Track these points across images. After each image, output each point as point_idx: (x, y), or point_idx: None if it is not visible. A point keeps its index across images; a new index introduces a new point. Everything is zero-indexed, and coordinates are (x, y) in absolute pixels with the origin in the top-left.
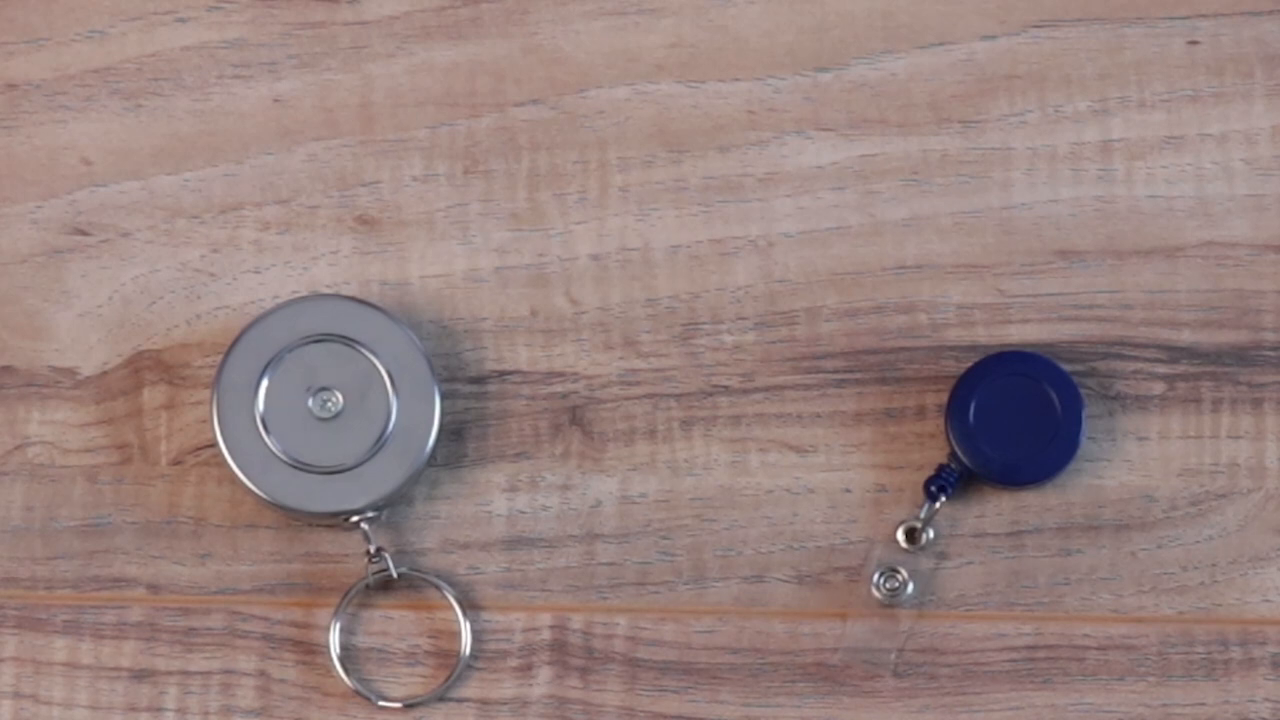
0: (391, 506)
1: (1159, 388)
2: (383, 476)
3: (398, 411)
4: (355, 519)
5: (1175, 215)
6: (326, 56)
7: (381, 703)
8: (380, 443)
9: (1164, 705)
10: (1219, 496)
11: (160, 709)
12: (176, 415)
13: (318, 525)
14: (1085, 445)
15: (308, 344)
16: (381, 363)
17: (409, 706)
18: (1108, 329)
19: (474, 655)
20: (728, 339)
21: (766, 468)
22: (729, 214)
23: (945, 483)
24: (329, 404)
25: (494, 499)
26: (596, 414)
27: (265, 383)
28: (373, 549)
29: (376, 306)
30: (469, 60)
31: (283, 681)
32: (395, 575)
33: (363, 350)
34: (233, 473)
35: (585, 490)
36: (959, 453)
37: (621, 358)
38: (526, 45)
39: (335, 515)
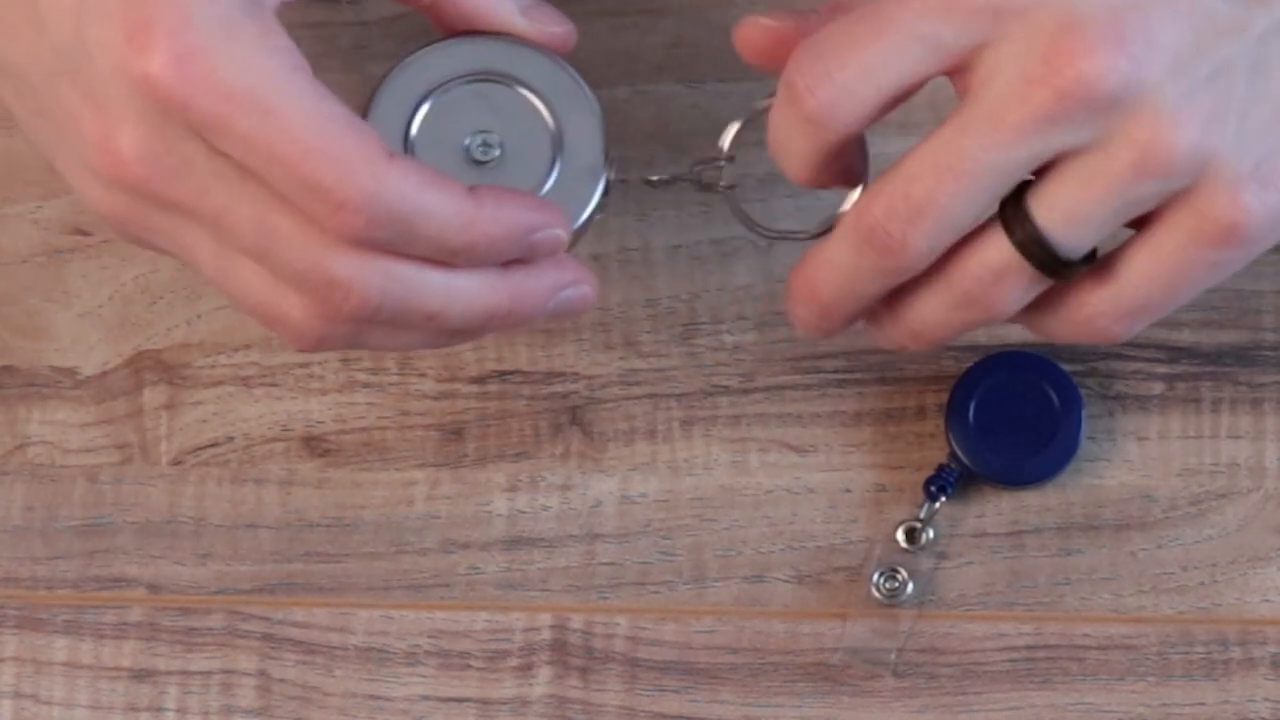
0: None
1: (1159, 388)
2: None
3: (560, 166)
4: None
5: None
6: (327, 57)
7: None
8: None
9: (1164, 705)
10: (1219, 496)
11: (160, 709)
12: (177, 415)
13: None
14: (1085, 445)
15: (464, 83)
16: (544, 105)
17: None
18: None
19: (474, 654)
20: (728, 339)
21: (766, 468)
22: (729, 214)
23: (945, 483)
24: (488, 148)
25: (494, 499)
26: (596, 414)
27: (416, 125)
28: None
29: (532, 46)
30: None
31: (283, 681)
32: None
33: (524, 91)
34: None
35: (585, 490)
36: (959, 453)
37: (621, 358)
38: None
39: None
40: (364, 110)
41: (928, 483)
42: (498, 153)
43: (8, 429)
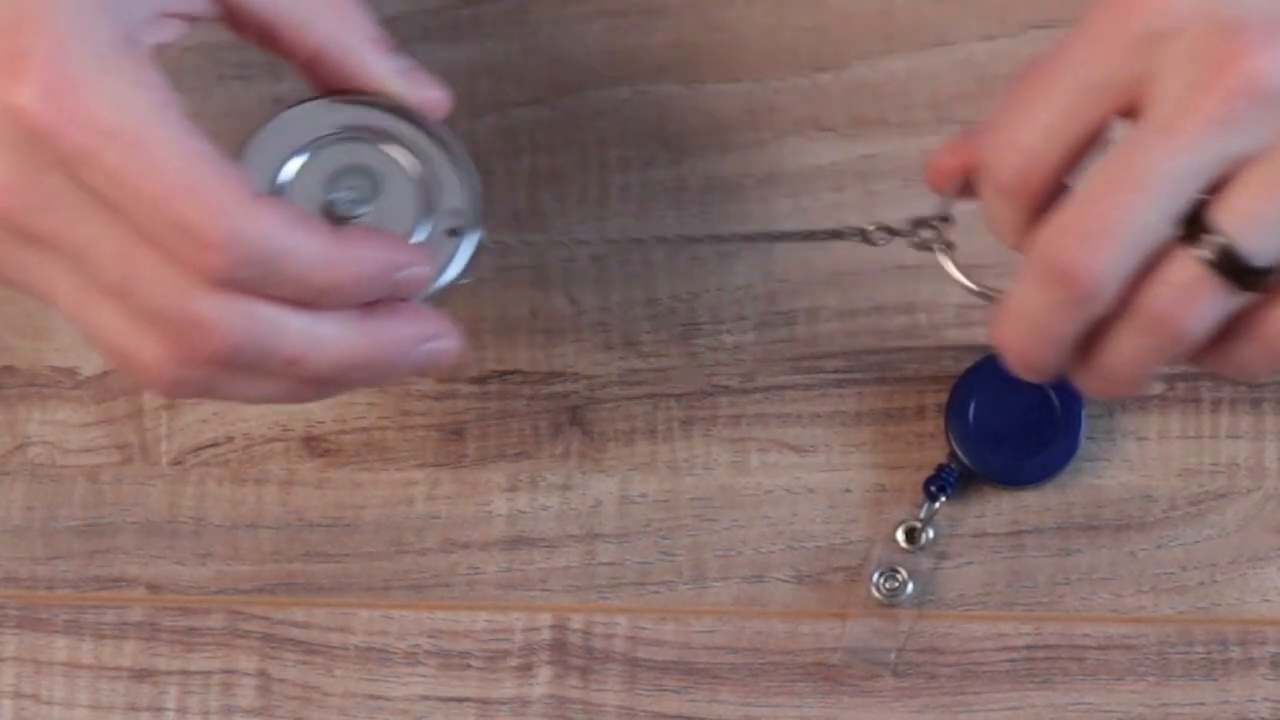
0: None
1: (1159, 388)
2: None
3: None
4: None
5: None
6: None
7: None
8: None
9: (1163, 705)
10: (1218, 496)
11: (161, 709)
12: (177, 415)
13: None
14: (1085, 445)
15: (336, 140)
16: (416, 165)
17: None
18: None
19: (474, 654)
20: (728, 339)
21: (766, 468)
22: (729, 214)
23: (945, 483)
24: (356, 204)
25: (494, 499)
26: (596, 414)
27: (285, 179)
28: None
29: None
30: (469, 60)
31: (283, 681)
32: None
33: (395, 151)
34: None
35: (585, 490)
36: (959, 453)
37: (621, 358)
38: (526, 45)
39: None
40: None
41: (928, 483)
42: (366, 209)
43: (8, 429)
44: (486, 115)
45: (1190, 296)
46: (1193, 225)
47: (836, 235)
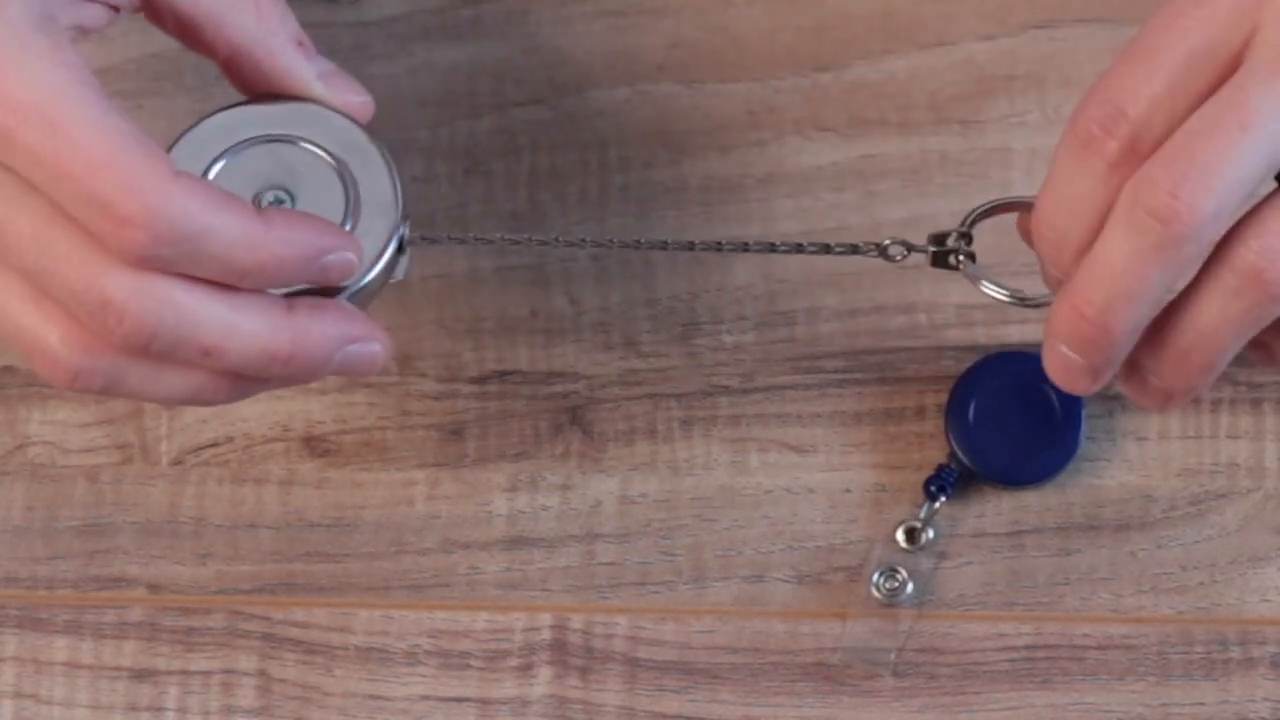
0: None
1: None
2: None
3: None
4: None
5: None
6: (327, 57)
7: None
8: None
9: (1163, 705)
10: (1218, 496)
11: (161, 709)
12: (177, 415)
13: None
14: (1085, 445)
15: (259, 143)
16: (339, 167)
17: None
18: None
19: (474, 654)
20: (728, 339)
21: (766, 468)
22: (729, 214)
23: (945, 483)
24: (280, 205)
25: (494, 499)
26: (596, 414)
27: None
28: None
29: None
30: (469, 60)
31: (283, 681)
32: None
33: (318, 152)
34: None
35: (585, 490)
36: (959, 453)
37: (621, 358)
38: (526, 45)
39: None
40: None
41: (928, 483)
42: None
43: (8, 429)
44: (486, 115)
45: None
46: None
47: (854, 249)
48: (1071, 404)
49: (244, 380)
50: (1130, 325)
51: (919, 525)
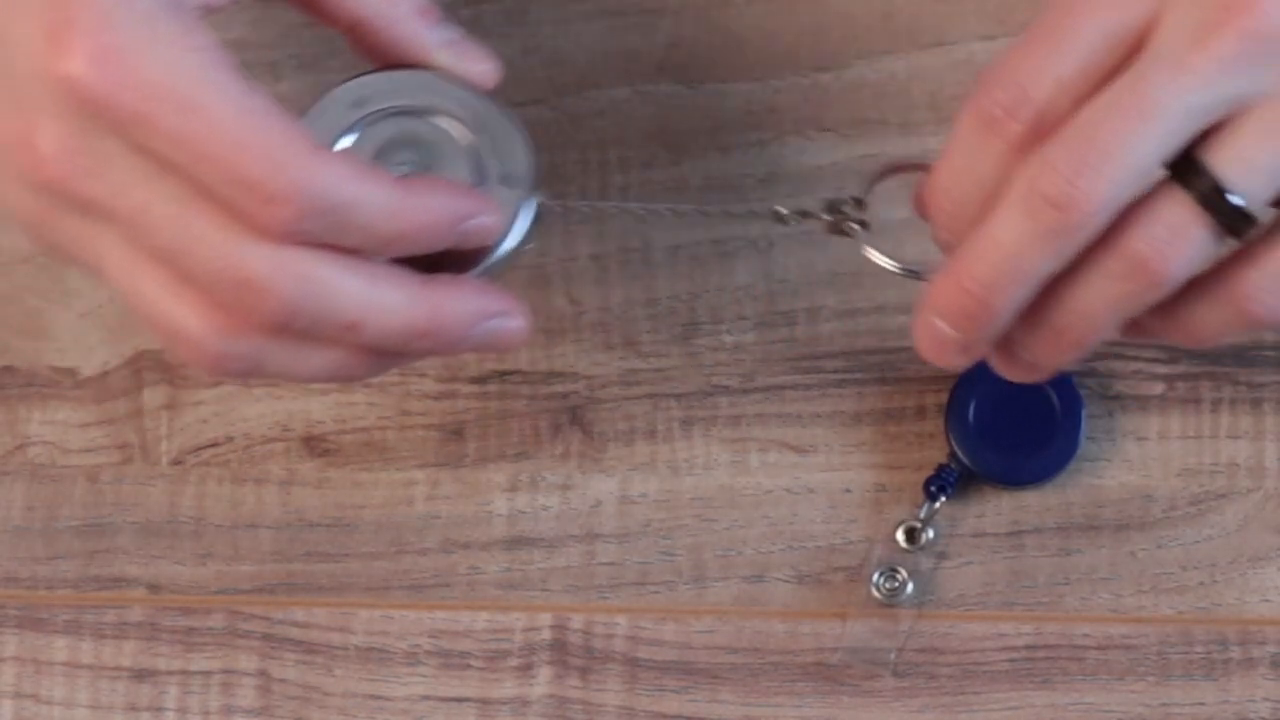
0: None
1: (1159, 388)
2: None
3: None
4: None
5: None
6: (327, 57)
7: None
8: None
9: (1163, 705)
10: (1218, 496)
11: (161, 709)
12: (177, 415)
13: None
14: (1085, 445)
15: (387, 116)
16: (469, 138)
17: None
18: None
19: (474, 654)
20: (728, 339)
21: (766, 468)
22: (729, 214)
23: (945, 483)
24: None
25: (494, 499)
26: (596, 414)
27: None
28: None
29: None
30: None
31: (283, 681)
32: None
33: (447, 124)
34: None
35: (585, 490)
36: (959, 453)
37: (621, 358)
38: (526, 45)
39: None
40: None
41: (928, 483)
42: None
43: (8, 429)
44: None
45: (1177, 238)
46: (1184, 166)
47: (753, 214)
48: (1071, 404)
49: (385, 355)
50: (1012, 304)
51: (919, 525)
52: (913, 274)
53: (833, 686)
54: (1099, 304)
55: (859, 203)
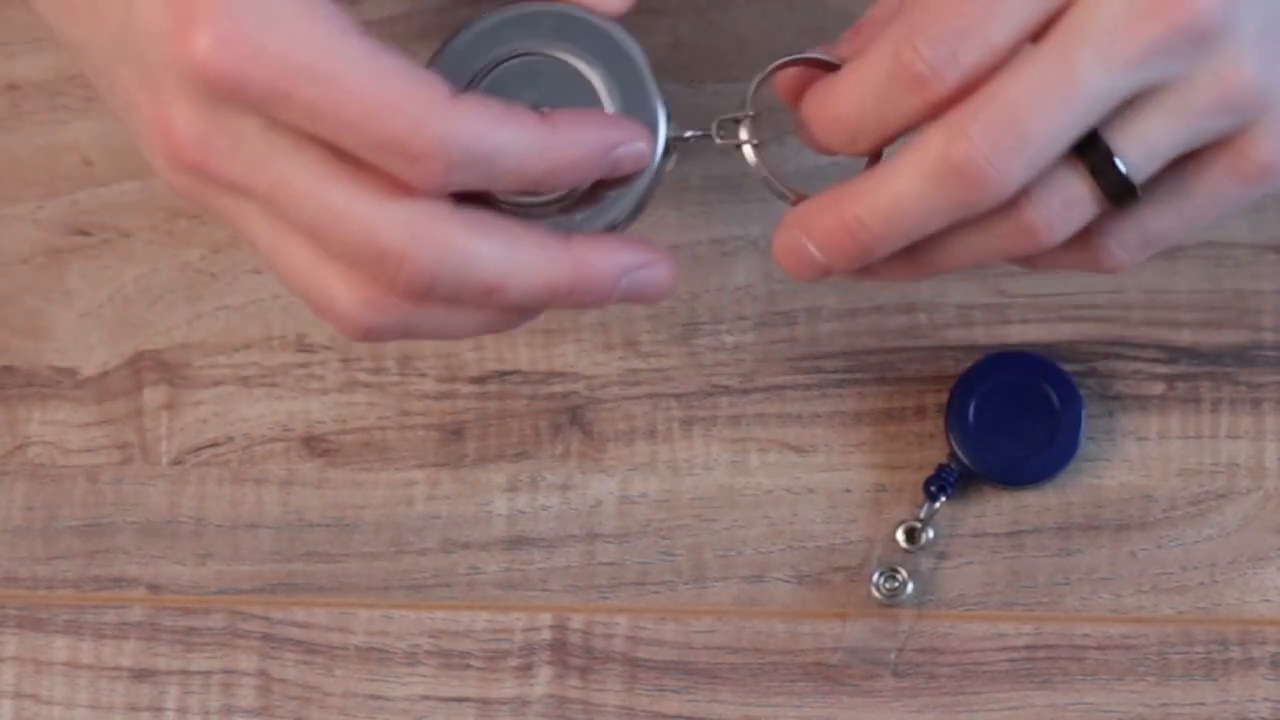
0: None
1: (1159, 388)
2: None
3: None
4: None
5: None
6: None
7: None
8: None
9: (1163, 705)
10: (1218, 496)
11: (161, 709)
12: (177, 415)
13: None
14: (1085, 445)
15: (515, 58)
16: (596, 75)
17: None
18: (1107, 329)
19: (474, 654)
20: (728, 339)
21: (766, 468)
22: (729, 214)
23: (945, 483)
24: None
25: (494, 499)
26: (596, 414)
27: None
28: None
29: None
30: None
31: (283, 681)
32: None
33: (575, 63)
34: None
35: (585, 490)
36: (959, 453)
37: (621, 358)
38: None
39: None
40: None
41: (928, 483)
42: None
43: (8, 429)
44: None
45: (1070, 210)
46: (1088, 145)
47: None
48: (1071, 404)
49: (533, 310)
50: (892, 250)
51: (919, 525)
52: (784, 197)
53: (833, 686)
54: (973, 252)
55: (751, 118)
